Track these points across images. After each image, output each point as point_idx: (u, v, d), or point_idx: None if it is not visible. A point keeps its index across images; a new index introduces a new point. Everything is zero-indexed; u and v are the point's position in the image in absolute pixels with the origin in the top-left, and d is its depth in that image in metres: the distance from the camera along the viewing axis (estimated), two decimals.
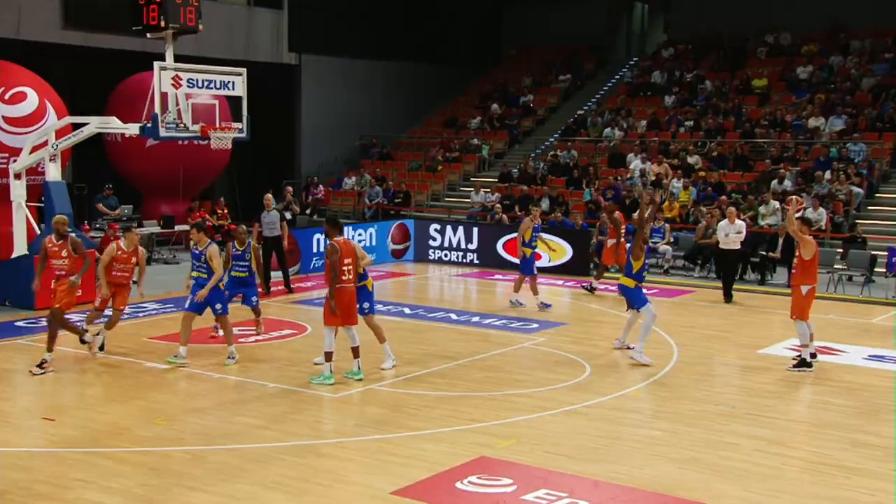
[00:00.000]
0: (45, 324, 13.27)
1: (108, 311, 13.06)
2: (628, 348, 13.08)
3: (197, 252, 12.48)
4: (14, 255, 16.59)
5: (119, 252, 12.57)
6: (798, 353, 12.79)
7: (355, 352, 11.54)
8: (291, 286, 18.21)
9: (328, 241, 11.74)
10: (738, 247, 17.90)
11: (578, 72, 33.86)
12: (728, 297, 17.65)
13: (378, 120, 32.02)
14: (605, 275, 18.87)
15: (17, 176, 16.70)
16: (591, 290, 18.55)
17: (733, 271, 18.24)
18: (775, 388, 11.87)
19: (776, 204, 21.24)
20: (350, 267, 11.50)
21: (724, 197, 22.53)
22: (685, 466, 8.83)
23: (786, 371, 12.46)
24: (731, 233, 17.79)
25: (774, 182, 22.97)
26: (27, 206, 16.79)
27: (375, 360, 12.14)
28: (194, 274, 12.58)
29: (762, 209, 21.41)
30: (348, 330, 11.48)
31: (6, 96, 20.27)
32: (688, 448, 9.36)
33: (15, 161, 17.10)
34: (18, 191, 16.67)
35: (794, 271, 12.77)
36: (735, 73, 29.94)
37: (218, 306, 12.44)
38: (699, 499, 8.03)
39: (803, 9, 29.83)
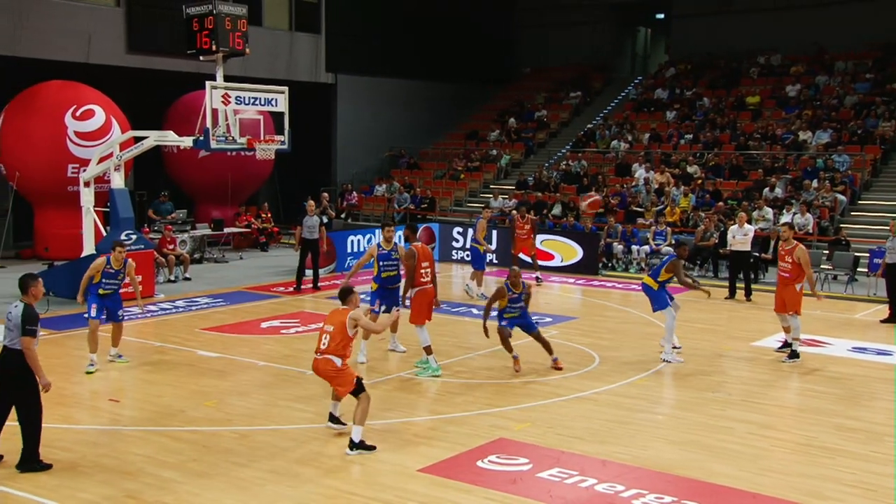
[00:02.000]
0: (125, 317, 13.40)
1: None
2: (674, 348, 12.48)
3: (386, 252, 11.84)
4: (83, 255, 16.76)
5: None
6: (786, 345, 12.69)
7: (428, 350, 11.28)
8: (319, 285, 18.07)
9: (407, 245, 11.67)
10: (747, 248, 17.73)
11: (587, 89, 33.76)
12: (748, 294, 17.46)
13: (406, 133, 32.05)
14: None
15: (87, 184, 16.87)
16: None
17: (747, 270, 17.99)
18: (767, 377, 11.79)
19: (769, 210, 21.10)
20: (428, 269, 11.45)
21: (721, 203, 22.39)
22: (684, 448, 8.80)
23: (781, 363, 12.36)
24: (738, 235, 17.64)
25: (766, 190, 22.80)
26: (95, 210, 16.96)
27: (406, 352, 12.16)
28: (384, 275, 11.80)
29: (755, 214, 21.24)
30: (422, 330, 11.30)
31: (77, 113, 20.56)
32: (687, 431, 9.32)
33: (84, 171, 17.28)
34: (87, 197, 16.85)
35: (786, 274, 12.48)
36: (730, 90, 29.74)
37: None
38: (697, 476, 8.00)
39: (792, 33, 29.65)
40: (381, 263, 11.78)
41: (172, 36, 18.94)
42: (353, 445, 8.33)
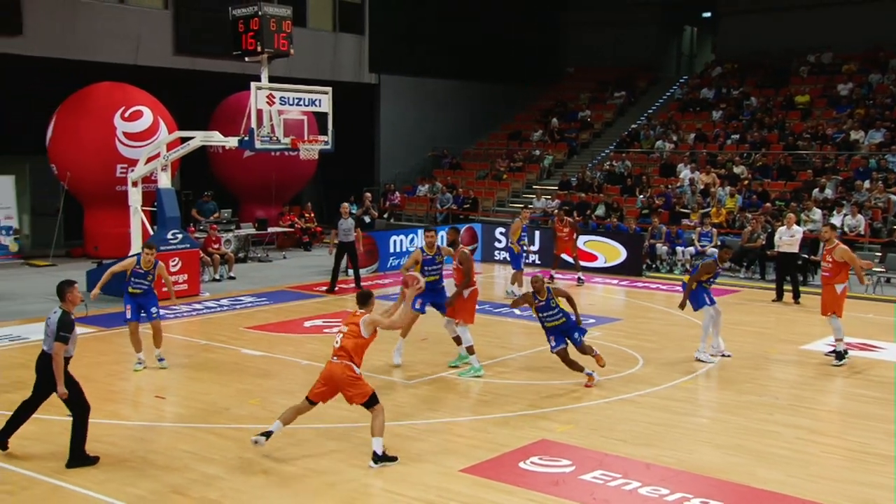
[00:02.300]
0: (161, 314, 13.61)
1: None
2: (723, 355, 12.46)
3: (430, 257, 11.87)
4: (131, 253, 17.03)
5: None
6: (833, 349, 12.47)
7: (471, 350, 11.28)
8: (361, 285, 18.07)
9: (463, 250, 11.77)
10: (795, 250, 17.42)
11: (632, 89, 33.47)
12: (796, 297, 17.18)
13: (448, 133, 32.08)
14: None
15: (135, 184, 17.14)
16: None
17: (794, 272, 17.68)
18: (815, 381, 11.56)
19: (818, 211, 20.69)
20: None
21: (768, 204, 22.03)
22: (730, 452, 8.67)
23: (831, 366, 12.12)
24: (785, 236, 17.34)
25: (816, 190, 22.36)
26: (142, 210, 17.23)
27: (440, 352, 12.16)
28: (427, 279, 11.48)
29: (804, 215, 20.84)
30: (466, 330, 11.32)
31: (126, 114, 20.94)
32: (733, 435, 9.18)
33: (132, 171, 17.57)
34: (135, 197, 17.12)
35: (827, 274, 12.42)
36: (779, 90, 29.25)
37: None
38: (743, 482, 7.87)
39: (844, 30, 29.03)
40: (425, 268, 11.80)
41: (218, 37, 19.19)
42: (377, 458, 8.10)
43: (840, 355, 12.22)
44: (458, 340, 11.57)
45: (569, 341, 10.86)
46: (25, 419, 8.40)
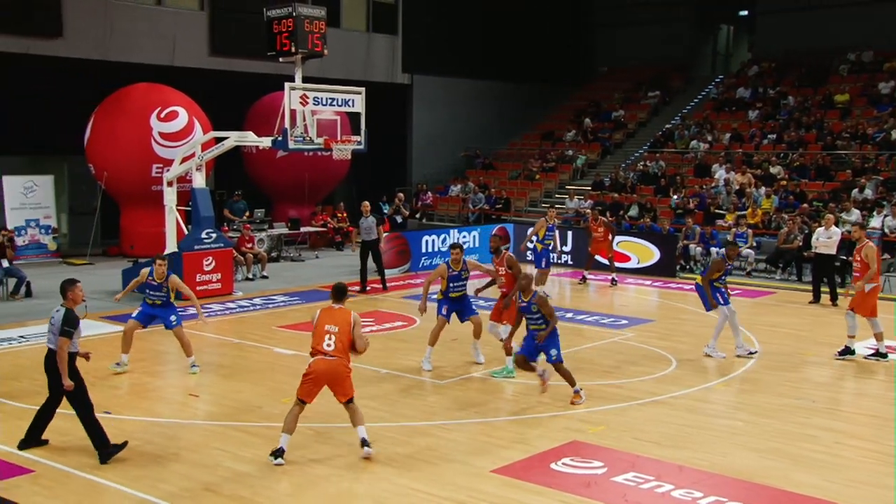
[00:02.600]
0: (192, 311, 13.77)
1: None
2: (749, 353, 12.49)
3: (455, 273, 11.75)
4: (165, 253, 17.22)
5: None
6: (877, 353, 12.30)
7: (508, 351, 11.28)
8: (387, 285, 18.08)
9: (509, 255, 11.86)
10: (832, 251, 17.15)
11: (666, 89, 33.19)
12: (834, 299, 16.95)
13: (481, 133, 32.05)
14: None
15: (170, 183, 17.31)
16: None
17: (832, 274, 17.42)
18: (854, 384, 11.38)
19: (857, 212, 20.35)
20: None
21: (805, 205, 21.72)
22: (765, 455, 8.55)
23: (871, 372, 11.94)
24: (822, 237, 17.08)
25: (855, 191, 22.00)
26: (177, 209, 17.41)
27: (468, 353, 12.14)
28: (452, 294, 11.75)
29: (843, 216, 20.51)
30: (507, 329, 11.38)
31: (162, 115, 21.20)
32: (768, 438, 9.06)
33: (168, 170, 17.77)
34: (170, 196, 17.29)
35: (857, 274, 12.66)
36: (817, 89, 28.81)
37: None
38: (779, 485, 7.76)
39: (885, 28, 28.49)
40: (450, 284, 11.68)
41: (253, 38, 19.36)
42: (368, 443, 8.25)
43: (847, 350, 12.40)
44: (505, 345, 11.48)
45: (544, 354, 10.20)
46: (48, 419, 8.54)
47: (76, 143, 21.74)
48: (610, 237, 19.59)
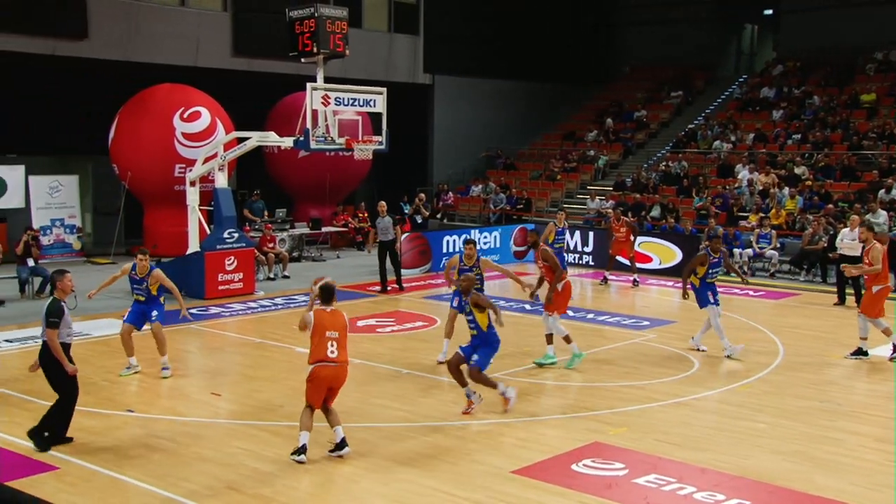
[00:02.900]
0: (213, 312, 13.87)
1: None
2: (699, 349, 12.71)
3: (467, 268, 11.94)
4: (188, 252, 17.37)
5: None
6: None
7: (568, 339, 11.75)
8: (403, 286, 17.95)
9: (544, 248, 12.17)
10: (857, 253, 16.97)
11: (689, 89, 33.00)
12: (858, 300, 16.79)
13: (502, 133, 32.03)
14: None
15: (193, 183, 17.45)
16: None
17: (857, 276, 17.24)
18: (880, 387, 11.25)
19: (883, 213, 20.12)
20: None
21: (830, 205, 21.51)
22: (789, 458, 8.49)
23: (890, 364, 11.88)
24: (847, 238, 16.92)
25: (882, 191, 21.76)
26: (200, 209, 17.54)
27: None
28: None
29: (870, 217, 20.27)
30: (557, 320, 11.87)
31: (185, 115, 21.36)
32: (792, 441, 8.98)
33: (191, 171, 17.90)
34: (193, 196, 17.42)
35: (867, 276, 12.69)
36: (843, 88, 28.52)
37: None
38: (803, 489, 7.70)
39: None
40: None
41: (275, 39, 19.46)
42: (344, 445, 8.26)
43: (860, 351, 12.43)
44: (550, 339, 11.93)
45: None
46: (69, 414, 8.60)
47: (101, 144, 21.96)
48: (632, 237, 19.51)
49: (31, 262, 16.79)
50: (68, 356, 8.43)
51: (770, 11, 35.52)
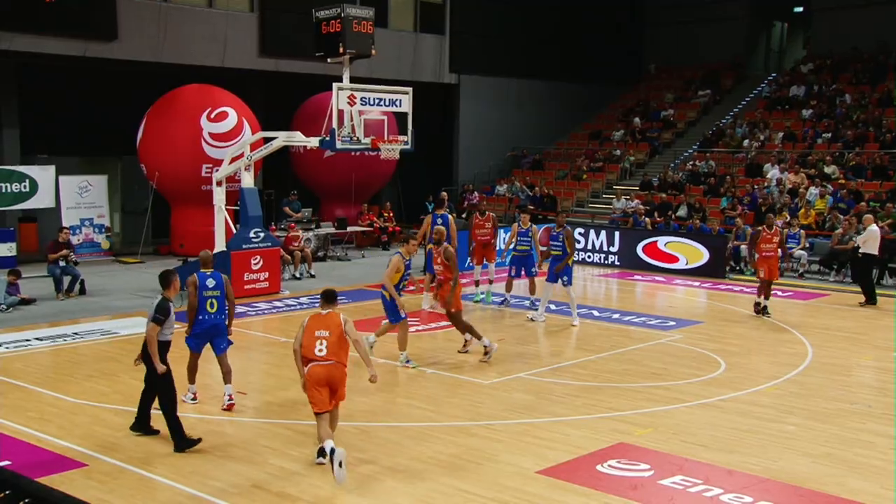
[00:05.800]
0: (238, 311, 13.90)
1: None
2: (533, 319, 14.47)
3: (524, 230, 15.67)
4: (214, 251, 17.46)
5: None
6: None
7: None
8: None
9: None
10: (873, 251, 16.75)
11: (717, 87, 32.70)
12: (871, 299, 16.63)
13: (528, 133, 31.94)
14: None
15: (219, 183, 17.55)
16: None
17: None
18: None
19: None
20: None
21: (861, 204, 21.21)
22: (819, 461, 8.37)
23: None
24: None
25: None
26: (226, 209, 17.65)
27: (516, 353, 12.09)
28: (520, 247, 15.70)
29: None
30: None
31: (212, 115, 21.51)
32: (822, 444, 8.86)
33: (217, 170, 18.01)
34: (220, 196, 17.52)
35: None
36: (875, 86, 28.13)
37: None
38: (833, 492, 7.59)
39: None
40: (519, 239, 15.53)
41: (302, 39, 19.53)
42: (324, 453, 7.84)
43: None
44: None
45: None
46: (150, 404, 8.85)
47: (130, 144, 22.19)
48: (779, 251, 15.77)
49: (73, 257, 17.19)
50: (165, 355, 8.65)
51: (800, 9, 35.13)
